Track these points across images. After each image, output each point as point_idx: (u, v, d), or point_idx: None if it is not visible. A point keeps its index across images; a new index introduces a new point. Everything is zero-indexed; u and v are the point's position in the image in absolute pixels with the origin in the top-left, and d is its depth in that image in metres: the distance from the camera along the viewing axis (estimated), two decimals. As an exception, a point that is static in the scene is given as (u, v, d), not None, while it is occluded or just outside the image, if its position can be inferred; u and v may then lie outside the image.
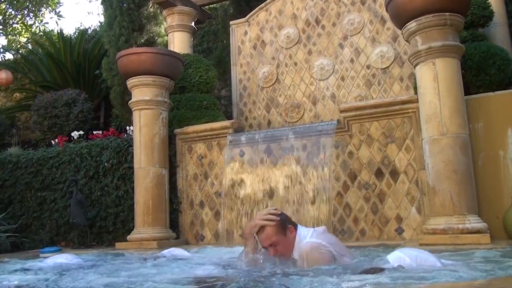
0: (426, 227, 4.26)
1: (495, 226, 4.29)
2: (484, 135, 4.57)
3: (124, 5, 7.60)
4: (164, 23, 7.96)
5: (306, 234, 3.00)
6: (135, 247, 5.26)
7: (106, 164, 6.18)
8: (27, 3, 12.17)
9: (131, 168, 5.84)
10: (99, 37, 8.95)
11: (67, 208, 6.32)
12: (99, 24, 11.50)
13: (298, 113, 6.47)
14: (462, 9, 4.40)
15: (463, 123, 4.30)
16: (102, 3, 8.04)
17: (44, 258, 4.78)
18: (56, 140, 7.16)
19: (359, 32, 6.30)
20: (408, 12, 4.39)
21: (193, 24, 7.88)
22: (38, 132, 8.38)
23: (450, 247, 3.70)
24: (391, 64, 6.06)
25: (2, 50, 12.21)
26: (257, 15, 7.04)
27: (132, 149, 5.84)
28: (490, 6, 5.59)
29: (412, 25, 4.39)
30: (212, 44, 9.62)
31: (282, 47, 6.76)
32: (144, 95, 5.70)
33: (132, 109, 5.83)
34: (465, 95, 4.45)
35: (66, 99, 7.75)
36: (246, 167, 5.31)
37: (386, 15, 5.70)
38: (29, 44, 12.10)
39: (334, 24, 6.47)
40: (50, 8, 12.86)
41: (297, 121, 6.46)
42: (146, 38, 7.74)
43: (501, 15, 6.29)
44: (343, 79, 6.31)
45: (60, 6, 13.12)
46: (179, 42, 7.61)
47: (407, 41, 4.69)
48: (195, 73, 6.64)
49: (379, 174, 4.89)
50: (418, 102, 4.57)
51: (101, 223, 6.20)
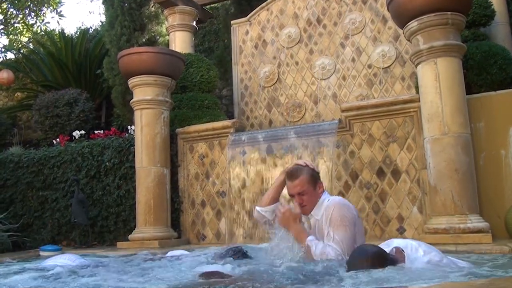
0: (428, 226, 4.26)
1: (497, 226, 4.29)
2: (486, 135, 4.56)
3: (126, 4, 7.60)
4: (166, 22, 7.96)
5: (330, 197, 3.07)
6: (136, 247, 5.26)
7: (107, 163, 6.19)
8: (29, 3, 12.18)
9: (133, 167, 5.84)
10: (101, 36, 8.95)
11: (69, 207, 6.32)
12: (100, 23, 11.50)
13: (300, 112, 6.47)
14: (463, 8, 4.40)
15: (465, 122, 4.30)
16: (103, 3, 8.04)
17: (45, 256, 4.78)
18: (58, 139, 7.17)
19: (361, 31, 6.30)
20: (410, 12, 4.39)
21: (194, 23, 7.88)
22: (39, 132, 8.39)
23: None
24: (393, 63, 6.05)
25: (3, 50, 12.24)
26: (258, 15, 7.04)
27: (134, 148, 5.84)
28: (492, 5, 5.58)
29: (413, 24, 4.39)
30: (214, 43, 9.62)
31: (284, 47, 6.75)
32: (146, 95, 5.70)
33: (134, 108, 5.84)
34: (466, 94, 4.45)
35: (67, 99, 7.75)
36: (248, 167, 5.32)
37: (388, 15, 5.69)
38: (30, 44, 12.09)
39: (336, 24, 6.46)
40: (51, 7, 12.86)
41: (298, 120, 6.45)
42: (147, 37, 7.74)
43: (502, 14, 6.28)
44: (344, 78, 6.30)
45: (61, 5, 13.12)
46: (180, 42, 7.61)
47: (408, 40, 4.69)
48: (196, 72, 6.64)
49: (380, 173, 4.88)
50: (419, 101, 4.57)
51: (102, 223, 6.20)
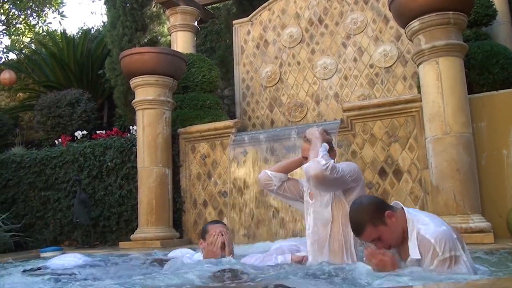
0: (430, 226, 4.25)
1: (499, 225, 4.29)
2: (488, 134, 4.56)
3: (127, 5, 7.61)
4: (167, 22, 7.96)
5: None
6: (138, 247, 5.27)
7: (109, 163, 6.19)
8: (30, 3, 12.18)
9: (135, 167, 5.85)
10: (102, 37, 8.97)
11: (71, 207, 6.33)
12: (102, 24, 11.51)
13: (301, 112, 6.46)
14: (465, 7, 4.39)
15: (467, 122, 4.30)
16: (105, 3, 8.06)
17: (45, 258, 4.76)
18: (60, 139, 7.17)
19: (362, 31, 6.29)
20: (411, 11, 4.39)
21: (196, 23, 7.89)
22: (41, 132, 8.40)
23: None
24: (394, 63, 6.05)
25: (5, 50, 12.26)
26: (260, 15, 7.04)
27: (136, 148, 5.84)
28: (494, 4, 5.58)
29: (415, 24, 4.39)
30: (215, 43, 9.62)
31: (285, 47, 6.75)
32: (147, 95, 5.71)
33: (136, 108, 5.84)
34: (468, 94, 4.44)
35: (69, 99, 7.76)
36: (249, 167, 5.32)
37: (389, 14, 5.69)
38: (32, 44, 12.10)
39: (337, 23, 6.46)
40: (53, 8, 12.86)
41: (300, 120, 6.45)
42: (149, 37, 7.75)
43: (504, 13, 6.28)
44: (346, 78, 6.30)
45: (63, 6, 13.11)
46: (182, 42, 7.62)
47: (410, 40, 4.68)
48: (198, 72, 6.65)
49: (382, 173, 4.88)
50: (421, 101, 4.56)
51: (104, 223, 6.21)
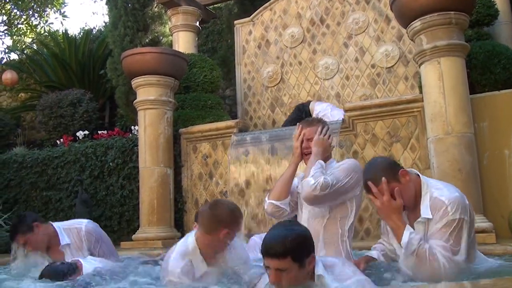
0: (431, 226, 4.25)
1: (501, 226, 4.27)
2: (489, 134, 4.55)
3: (129, 5, 7.62)
4: (169, 23, 7.96)
5: None
6: (140, 247, 5.27)
7: (111, 163, 6.20)
8: (32, 4, 12.21)
9: (136, 167, 5.85)
10: (104, 37, 8.98)
11: (72, 207, 6.33)
12: (104, 24, 11.52)
13: (303, 112, 6.46)
14: (467, 7, 4.39)
15: (468, 122, 4.29)
16: (106, 3, 8.07)
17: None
18: (61, 140, 7.17)
19: (364, 31, 6.29)
20: (413, 11, 4.38)
21: (197, 23, 7.88)
22: (43, 132, 8.41)
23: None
24: (396, 63, 6.04)
25: (7, 51, 12.27)
26: (261, 15, 7.04)
27: (137, 148, 5.85)
28: (495, 4, 5.57)
29: (416, 24, 4.38)
30: (217, 43, 9.61)
31: (287, 47, 6.75)
32: (149, 95, 5.71)
33: (137, 108, 5.84)
34: (470, 94, 4.44)
35: (71, 99, 7.77)
36: (251, 167, 5.32)
37: (391, 14, 5.69)
38: (34, 45, 12.12)
39: (339, 23, 6.46)
40: (55, 8, 12.90)
41: (301, 120, 6.44)
42: (150, 38, 7.75)
43: (506, 13, 6.27)
44: (347, 78, 6.30)
45: (65, 6, 13.18)
46: (183, 42, 7.62)
47: (412, 40, 4.68)
48: (199, 72, 6.64)
49: (384, 173, 4.87)
50: (423, 101, 4.56)
51: (106, 223, 6.20)
